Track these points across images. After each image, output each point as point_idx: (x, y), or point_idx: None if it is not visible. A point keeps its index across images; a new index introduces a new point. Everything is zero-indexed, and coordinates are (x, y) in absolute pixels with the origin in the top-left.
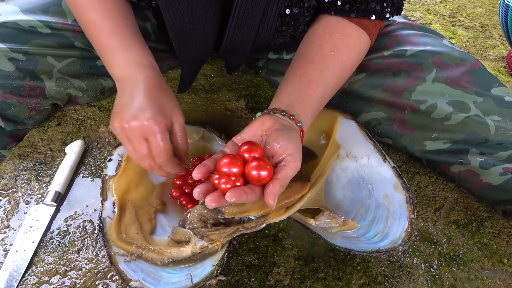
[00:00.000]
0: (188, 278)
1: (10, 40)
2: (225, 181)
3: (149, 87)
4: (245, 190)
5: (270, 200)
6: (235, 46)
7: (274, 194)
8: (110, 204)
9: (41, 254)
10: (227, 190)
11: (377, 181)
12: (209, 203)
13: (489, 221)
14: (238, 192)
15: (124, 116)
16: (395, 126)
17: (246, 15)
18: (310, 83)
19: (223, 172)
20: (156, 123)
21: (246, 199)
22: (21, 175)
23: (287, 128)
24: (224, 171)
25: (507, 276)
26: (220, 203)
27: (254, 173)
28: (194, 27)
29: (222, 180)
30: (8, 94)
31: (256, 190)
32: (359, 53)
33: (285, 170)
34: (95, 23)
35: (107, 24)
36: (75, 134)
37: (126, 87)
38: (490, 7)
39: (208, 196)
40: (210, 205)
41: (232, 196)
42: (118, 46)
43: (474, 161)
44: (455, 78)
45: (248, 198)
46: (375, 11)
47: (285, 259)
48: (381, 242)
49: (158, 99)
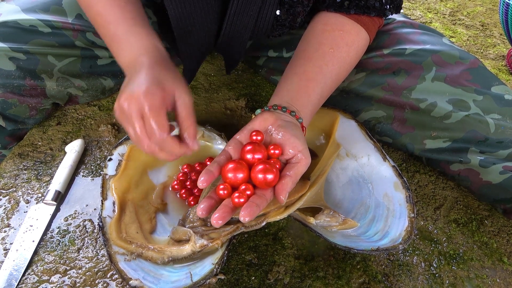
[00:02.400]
0: (188, 276)
1: (11, 40)
2: (238, 195)
3: (150, 64)
4: (257, 203)
5: (282, 196)
6: (233, 35)
7: (286, 191)
8: (110, 203)
9: (41, 253)
10: (240, 204)
11: (377, 180)
12: (215, 221)
13: (489, 220)
14: (251, 210)
15: (121, 96)
16: (395, 125)
17: (245, 2)
18: (309, 80)
19: (229, 179)
20: (149, 96)
21: (259, 212)
22: (21, 174)
23: (290, 124)
24: (229, 177)
25: (507, 274)
26: (227, 219)
27: (260, 176)
28: (196, 17)
29: (235, 195)
30: (8, 93)
31: (266, 194)
32: (358, 50)
33: (297, 167)
34: (101, 13)
35: (113, 13)
36: (75, 134)
37: (130, 72)
38: (491, 5)
39: (215, 213)
40: (217, 224)
41: (246, 216)
42: (123, 33)
43: (474, 159)
44: (454, 76)
45: (261, 210)
46: (374, 8)
47: (285, 258)
48: (381, 241)
49: (157, 73)
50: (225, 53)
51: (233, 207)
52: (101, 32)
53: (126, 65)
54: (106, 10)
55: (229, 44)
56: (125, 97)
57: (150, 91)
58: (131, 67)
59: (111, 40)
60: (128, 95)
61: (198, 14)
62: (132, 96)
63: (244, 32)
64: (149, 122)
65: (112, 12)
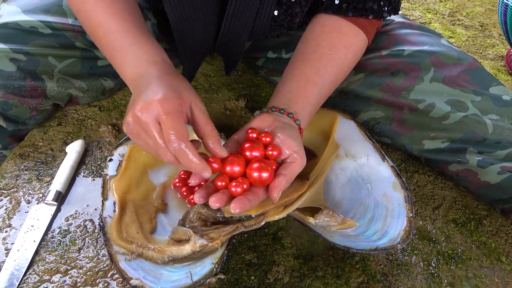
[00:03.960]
0: (188, 276)
1: (11, 41)
2: (235, 184)
3: (161, 74)
4: (249, 198)
5: (275, 194)
6: (232, 36)
7: (279, 189)
8: (111, 203)
9: (42, 253)
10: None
11: (376, 180)
12: (213, 203)
13: (488, 220)
14: (242, 202)
15: (136, 107)
16: (393, 125)
17: (243, 3)
18: (308, 82)
19: (226, 172)
20: (166, 102)
21: (249, 206)
22: (22, 175)
23: (287, 126)
24: (227, 170)
25: (505, 274)
26: (224, 203)
27: (255, 174)
28: (195, 19)
29: (233, 184)
30: (9, 94)
31: (259, 193)
32: (357, 52)
33: (292, 167)
34: (103, 25)
35: (116, 24)
36: (76, 134)
37: (139, 85)
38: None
39: (212, 197)
40: (214, 205)
41: (236, 208)
42: (129, 45)
43: (472, 160)
44: (453, 77)
45: (251, 205)
46: (373, 10)
47: (285, 258)
48: (380, 241)
49: (171, 82)
50: (224, 54)
51: (229, 195)
52: (103, 43)
53: (132, 78)
54: (107, 22)
55: (227, 45)
56: (141, 106)
57: (167, 97)
58: (139, 79)
59: (113, 52)
60: (144, 104)
61: (197, 16)
62: (149, 104)
63: (243, 32)
64: (166, 127)
65: (115, 24)
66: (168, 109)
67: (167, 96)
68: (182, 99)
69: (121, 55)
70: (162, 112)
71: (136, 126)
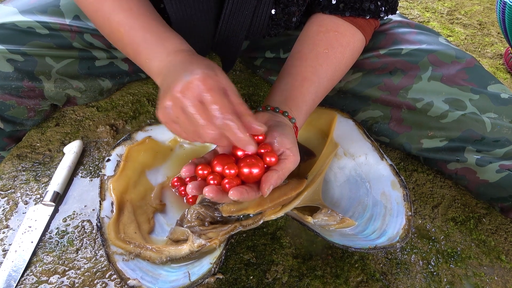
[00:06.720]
0: (186, 276)
1: (8, 41)
2: (228, 181)
3: (193, 58)
4: (246, 188)
5: (265, 188)
6: (229, 35)
7: (270, 183)
8: (109, 204)
9: (40, 254)
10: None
11: (375, 179)
12: (207, 194)
13: (487, 218)
14: (240, 191)
15: (174, 88)
16: (392, 124)
17: (240, 1)
18: (304, 80)
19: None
20: (208, 78)
21: (247, 197)
22: (20, 176)
23: (281, 124)
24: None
25: (505, 272)
26: (218, 195)
27: (245, 170)
28: (196, 19)
29: (225, 181)
30: (7, 95)
31: (255, 188)
32: (354, 52)
33: (284, 163)
34: (124, 23)
35: (139, 21)
36: (74, 135)
37: (171, 71)
38: (488, 4)
39: (206, 188)
40: (209, 195)
41: (235, 195)
42: (155, 39)
43: (470, 158)
44: (451, 76)
45: (249, 196)
46: (370, 10)
47: (283, 257)
48: (379, 239)
49: (205, 62)
50: (221, 53)
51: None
52: (125, 42)
53: (160, 69)
54: (129, 19)
55: (225, 44)
56: (182, 87)
57: (207, 75)
58: (171, 67)
59: (139, 48)
60: (185, 84)
61: (198, 17)
62: (190, 83)
63: (240, 31)
64: (211, 102)
65: (138, 21)
66: (210, 86)
67: (207, 74)
68: (219, 77)
69: (148, 50)
70: (204, 89)
71: (175, 109)
